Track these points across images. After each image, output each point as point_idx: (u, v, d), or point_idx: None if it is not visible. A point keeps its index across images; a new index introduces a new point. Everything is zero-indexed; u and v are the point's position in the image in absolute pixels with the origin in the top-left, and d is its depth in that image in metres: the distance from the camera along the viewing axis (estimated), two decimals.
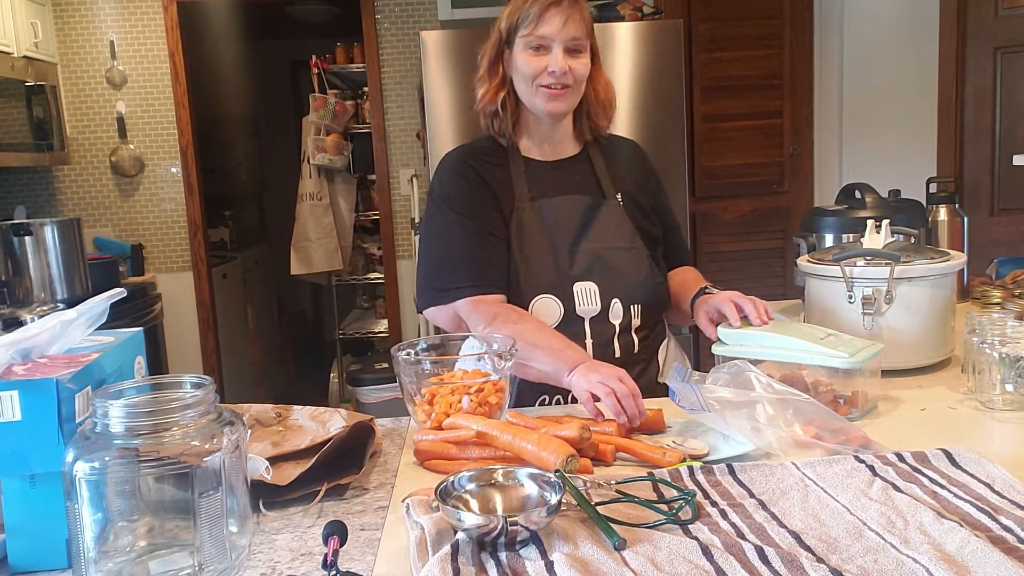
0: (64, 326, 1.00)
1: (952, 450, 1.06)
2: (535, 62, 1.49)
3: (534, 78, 1.50)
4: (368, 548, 0.92)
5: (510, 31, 1.53)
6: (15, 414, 0.86)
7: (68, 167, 4.08)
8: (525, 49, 1.51)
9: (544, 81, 1.50)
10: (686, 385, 1.24)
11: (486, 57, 1.57)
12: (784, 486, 0.99)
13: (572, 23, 1.49)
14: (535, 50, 1.50)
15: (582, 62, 1.52)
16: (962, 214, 2.12)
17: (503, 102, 1.55)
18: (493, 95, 1.56)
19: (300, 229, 4.47)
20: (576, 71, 1.51)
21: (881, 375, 1.33)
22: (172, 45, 4.05)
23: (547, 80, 1.50)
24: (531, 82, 1.51)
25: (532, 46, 1.50)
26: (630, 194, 1.61)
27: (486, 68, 1.57)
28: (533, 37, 1.49)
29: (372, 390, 3.96)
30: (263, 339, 5.28)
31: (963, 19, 3.37)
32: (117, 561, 0.85)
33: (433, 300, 1.54)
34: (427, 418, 1.24)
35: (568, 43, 1.49)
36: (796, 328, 1.39)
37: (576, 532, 0.88)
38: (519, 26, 1.51)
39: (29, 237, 3.27)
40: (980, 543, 0.81)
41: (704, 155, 3.70)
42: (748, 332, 1.38)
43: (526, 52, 1.51)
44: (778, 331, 1.35)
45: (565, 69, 1.49)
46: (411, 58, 4.12)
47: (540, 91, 1.51)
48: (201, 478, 0.83)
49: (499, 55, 1.56)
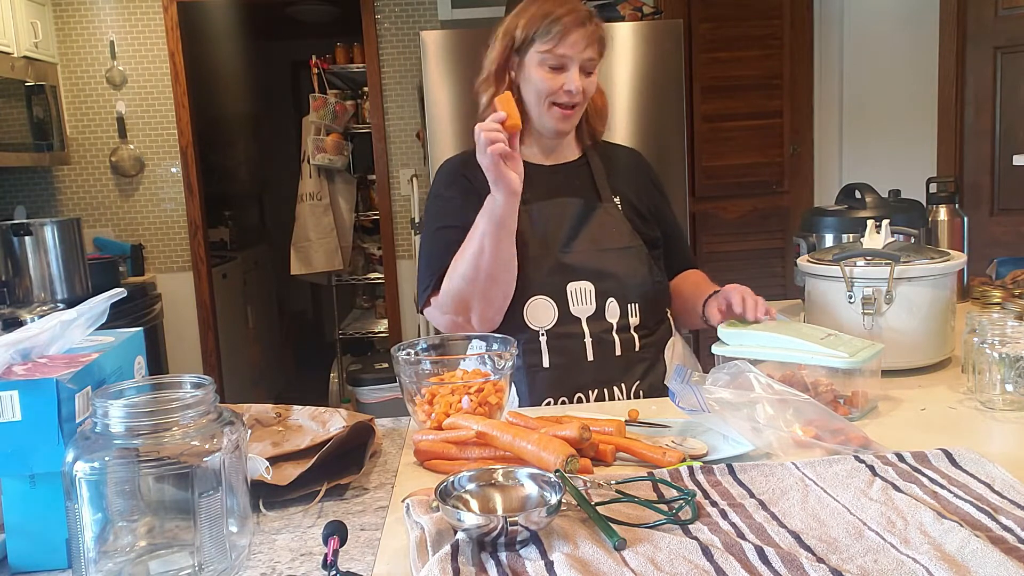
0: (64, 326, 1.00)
1: (952, 450, 1.06)
2: (551, 80, 1.49)
3: (548, 95, 1.50)
4: (368, 548, 0.92)
5: (526, 41, 1.51)
6: (15, 414, 0.86)
7: (68, 167, 4.08)
8: (541, 65, 1.50)
9: (559, 99, 1.50)
10: (686, 386, 1.24)
11: (494, 62, 1.55)
12: (784, 486, 0.99)
13: (591, 46, 1.50)
14: (553, 68, 1.49)
15: (592, 81, 1.54)
16: (962, 214, 2.12)
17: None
18: None
19: (300, 229, 4.47)
20: (588, 90, 1.53)
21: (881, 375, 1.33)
22: (172, 45, 4.05)
23: (562, 99, 1.50)
24: (544, 98, 1.51)
25: (550, 64, 1.49)
26: (628, 199, 1.61)
27: (493, 73, 1.56)
28: (553, 55, 1.48)
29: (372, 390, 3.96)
30: (263, 339, 5.28)
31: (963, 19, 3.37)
32: (117, 561, 0.85)
33: (420, 303, 1.59)
34: (427, 418, 1.24)
35: (584, 64, 1.50)
36: (796, 328, 1.39)
37: (576, 532, 0.88)
38: (536, 39, 1.49)
39: (29, 237, 3.27)
40: (980, 543, 0.81)
41: (704, 155, 3.70)
42: (748, 332, 1.38)
43: (542, 68, 1.50)
44: (778, 331, 1.35)
45: (580, 89, 1.50)
46: (411, 58, 4.12)
47: (552, 109, 1.51)
48: (201, 478, 0.83)
49: (507, 61, 1.54)
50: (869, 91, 3.69)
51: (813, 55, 3.74)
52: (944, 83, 3.45)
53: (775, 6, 3.65)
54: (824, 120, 3.79)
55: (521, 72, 1.53)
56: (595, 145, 1.66)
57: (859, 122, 3.73)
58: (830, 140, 3.79)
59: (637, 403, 1.44)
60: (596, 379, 1.50)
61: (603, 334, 1.51)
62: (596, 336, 1.50)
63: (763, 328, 1.37)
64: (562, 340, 1.50)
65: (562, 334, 1.50)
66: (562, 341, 1.50)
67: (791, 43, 3.69)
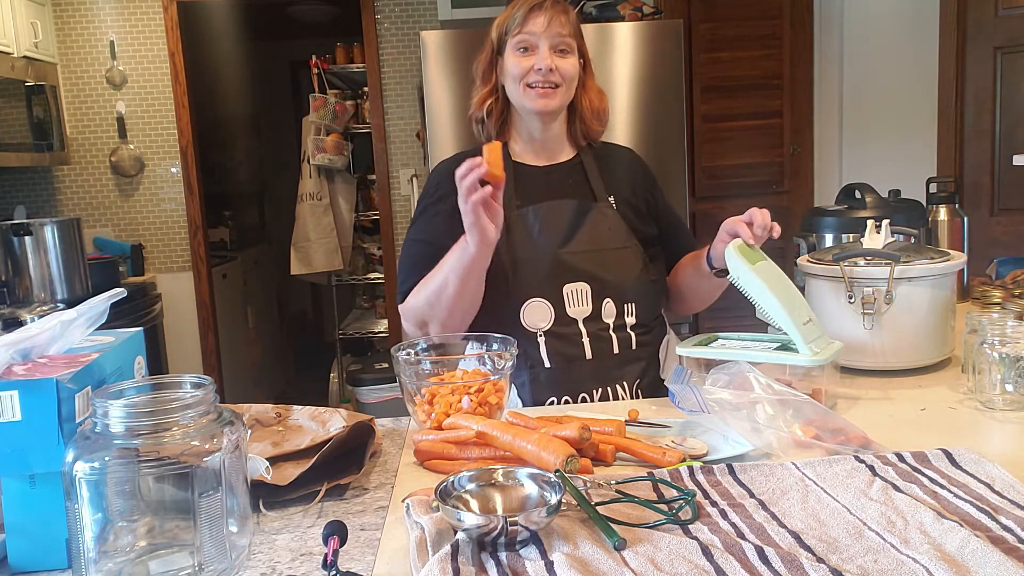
0: (64, 326, 1.00)
1: (952, 450, 1.06)
2: (523, 62, 1.53)
3: (522, 77, 1.53)
4: (368, 548, 0.92)
5: (500, 39, 1.58)
6: (15, 414, 0.86)
7: (68, 167, 4.08)
8: (514, 51, 1.55)
9: (531, 79, 1.53)
10: (685, 387, 1.24)
11: (480, 66, 1.62)
12: (784, 486, 0.99)
13: (556, 23, 1.53)
14: (523, 51, 1.54)
15: (569, 62, 1.55)
16: (962, 214, 2.12)
17: (489, 108, 1.60)
18: (481, 101, 1.61)
19: (300, 229, 4.47)
20: (563, 70, 1.53)
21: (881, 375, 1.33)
22: (172, 45, 4.05)
23: (534, 78, 1.52)
24: (519, 82, 1.54)
25: (519, 47, 1.54)
26: (624, 197, 1.62)
27: (480, 77, 1.62)
28: (519, 37, 1.53)
29: (372, 390, 3.96)
30: (263, 339, 5.28)
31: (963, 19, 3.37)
32: (117, 561, 0.85)
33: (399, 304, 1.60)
34: (427, 418, 1.24)
35: (554, 42, 1.53)
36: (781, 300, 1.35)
37: (576, 532, 0.88)
38: (508, 32, 1.56)
39: (29, 237, 3.27)
40: (980, 543, 0.81)
41: (704, 155, 3.70)
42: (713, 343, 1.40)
43: (514, 54, 1.55)
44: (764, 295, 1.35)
45: (552, 66, 1.51)
46: (411, 58, 4.12)
47: (528, 90, 1.54)
48: (201, 478, 0.83)
49: (492, 64, 1.60)
50: (869, 91, 3.69)
51: (813, 55, 3.74)
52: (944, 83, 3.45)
53: (775, 6, 3.65)
54: (824, 120, 3.79)
55: (503, 70, 1.58)
56: (590, 145, 1.66)
57: (859, 122, 3.73)
58: (830, 140, 3.79)
59: (637, 403, 1.44)
60: (596, 378, 1.51)
61: (600, 332, 1.52)
62: (593, 335, 1.51)
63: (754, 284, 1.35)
64: (560, 340, 1.50)
65: (559, 334, 1.50)
66: (560, 341, 1.50)
67: (791, 43, 3.69)
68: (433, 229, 1.57)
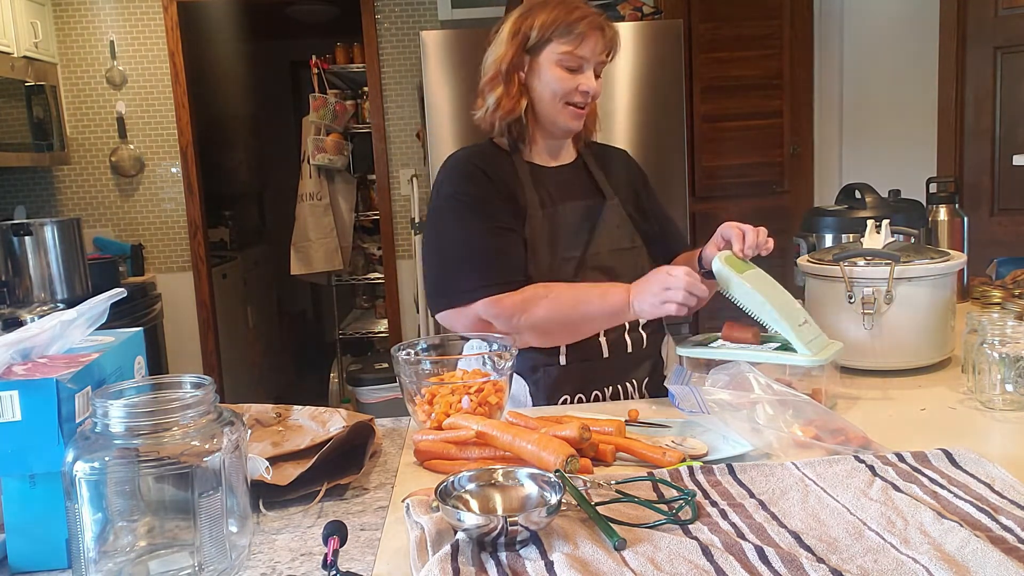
0: (64, 326, 1.00)
1: (952, 450, 1.06)
2: (568, 80, 1.50)
3: (563, 95, 1.51)
4: (368, 548, 0.92)
5: (541, 41, 1.50)
6: (15, 414, 0.86)
7: (68, 167, 4.08)
8: (558, 65, 1.50)
9: (574, 99, 1.51)
10: (685, 387, 1.24)
11: (504, 62, 1.52)
12: (784, 486, 0.99)
13: (608, 49, 1.52)
14: (569, 69, 1.50)
15: (600, 82, 1.56)
16: (962, 214, 2.12)
17: (522, 111, 1.53)
18: (515, 103, 1.52)
19: (300, 229, 4.47)
20: (597, 92, 1.55)
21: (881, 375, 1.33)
22: (172, 45, 4.05)
23: (578, 99, 1.51)
24: (559, 99, 1.51)
25: (567, 65, 1.49)
26: (625, 197, 1.63)
27: (503, 74, 1.52)
28: (572, 57, 1.49)
29: (372, 390, 3.96)
30: (263, 339, 5.28)
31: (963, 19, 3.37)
32: (117, 561, 0.85)
33: (449, 303, 1.49)
34: (427, 418, 1.24)
35: (596, 63, 1.52)
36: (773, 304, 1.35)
37: (576, 532, 0.88)
38: (553, 39, 1.49)
39: (29, 237, 3.27)
40: (980, 543, 0.81)
41: (704, 155, 3.70)
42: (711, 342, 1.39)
43: (559, 68, 1.50)
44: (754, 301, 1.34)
45: (597, 92, 1.53)
46: (411, 58, 4.12)
47: (567, 109, 1.52)
48: (201, 478, 0.83)
49: (519, 63, 1.52)
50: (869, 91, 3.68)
51: (813, 55, 3.74)
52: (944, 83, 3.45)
53: (775, 6, 3.65)
54: (824, 120, 3.78)
55: (533, 72, 1.52)
56: (587, 146, 1.67)
57: (859, 122, 3.73)
58: (830, 140, 3.79)
59: (637, 403, 1.44)
60: (611, 376, 1.52)
61: (615, 338, 1.53)
62: (611, 333, 1.52)
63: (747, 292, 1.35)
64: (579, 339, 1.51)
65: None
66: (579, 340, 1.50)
67: (791, 43, 3.68)
68: (498, 211, 1.50)
